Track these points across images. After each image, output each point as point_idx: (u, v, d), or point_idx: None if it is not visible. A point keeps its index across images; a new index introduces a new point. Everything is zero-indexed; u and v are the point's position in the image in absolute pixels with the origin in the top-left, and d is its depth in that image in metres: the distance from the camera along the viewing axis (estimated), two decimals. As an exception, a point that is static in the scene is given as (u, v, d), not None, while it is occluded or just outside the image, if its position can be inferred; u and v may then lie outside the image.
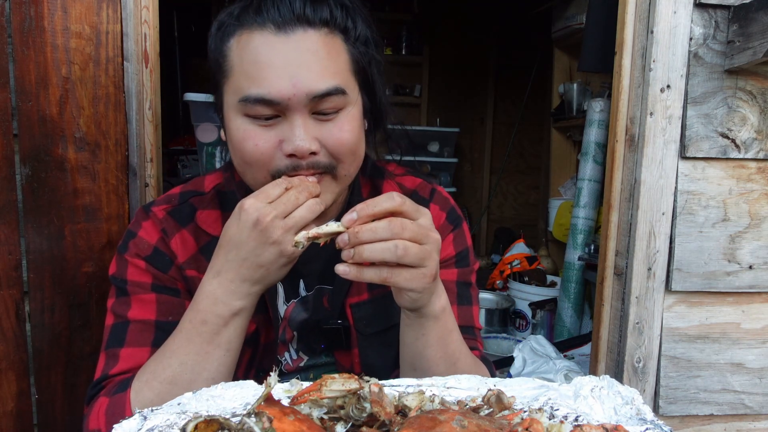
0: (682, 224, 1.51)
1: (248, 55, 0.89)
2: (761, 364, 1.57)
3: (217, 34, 0.95)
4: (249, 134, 0.91)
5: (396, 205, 0.79)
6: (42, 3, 1.23)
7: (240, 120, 0.91)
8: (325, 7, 0.90)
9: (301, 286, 1.10)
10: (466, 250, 1.14)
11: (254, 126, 0.91)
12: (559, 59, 3.99)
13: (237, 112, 0.91)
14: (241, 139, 0.91)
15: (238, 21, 0.91)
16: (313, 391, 0.65)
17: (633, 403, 0.70)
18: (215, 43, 0.95)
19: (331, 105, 0.91)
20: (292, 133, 0.89)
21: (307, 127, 0.90)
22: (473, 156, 5.27)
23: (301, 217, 0.83)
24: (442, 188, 1.19)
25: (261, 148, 0.90)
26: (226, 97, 0.94)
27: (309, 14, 0.89)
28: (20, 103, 1.23)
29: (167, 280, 1.01)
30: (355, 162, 0.98)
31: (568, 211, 3.40)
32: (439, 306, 0.89)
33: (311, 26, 0.89)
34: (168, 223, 1.03)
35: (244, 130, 0.91)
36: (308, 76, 0.88)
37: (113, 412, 0.88)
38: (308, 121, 0.90)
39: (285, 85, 0.87)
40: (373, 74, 1.00)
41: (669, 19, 1.44)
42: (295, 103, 0.88)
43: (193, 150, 3.31)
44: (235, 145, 0.93)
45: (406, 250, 0.77)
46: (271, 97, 0.87)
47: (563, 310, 2.97)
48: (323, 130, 0.91)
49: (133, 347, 0.97)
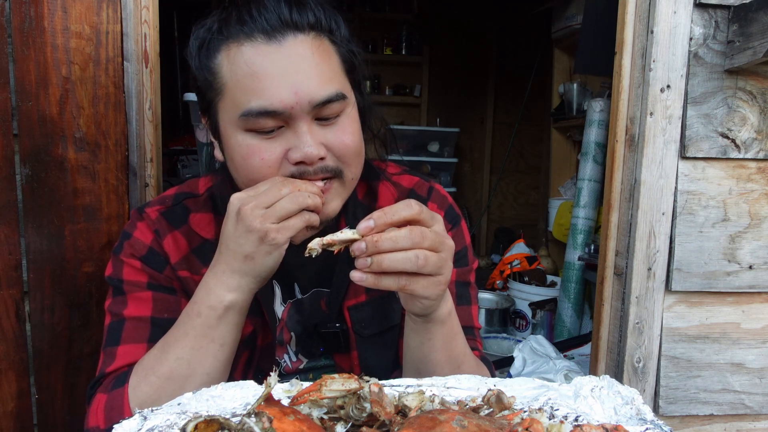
0: (682, 224, 1.51)
1: (242, 67, 0.87)
2: (761, 364, 1.57)
3: (201, 52, 0.92)
4: (253, 149, 0.89)
5: (414, 214, 0.78)
6: (42, 3, 1.22)
7: (241, 136, 0.90)
8: (309, 10, 0.90)
9: (296, 289, 1.10)
10: (464, 248, 1.13)
11: (258, 140, 0.89)
12: (559, 59, 3.99)
13: (237, 128, 0.90)
14: (245, 155, 0.90)
15: (222, 35, 0.89)
16: (313, 392, 0.65)
17: (633, 403, 0.70)
18: (200, 61, 0.93)
19: (333, 110, 0.91)
20: (299, 140, 0.88)
21: (313, 134, 0.89)
22: (473, 156, 5.27)
23: (282, 207, 0.83)
24: (440, 186, 1.18)
25: (267, 162, 0.89)
26: (222, 114, 0.92)
27: (296, 19, 0.88)
28: (20, 103, 1.23)
29: (163, 279, 1.01)
30: (359, 163, 0.98)
31: (568, 211, 3.40)
32: (446, 310, 0.89)
33: (300, 31, 0.88)
34: (161, 224, 1.03)
35: (248, 145, 0.89)
36: (308, 83, 0.87)
37: (111, 407, 0.89)
38: (313, 127, 0.90)
39: (287, 94, 0.86)
40: (361, 71, 1.00)
41: (669, 19, 1.44)
42: (298, 112, 0.87)
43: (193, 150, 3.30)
44: (238, 163, 0.92)
45: (426, 259, 0.76)
46: (274, 108, 0.86)
47: (563, 310, 2.97)
48: (328, 135, 0.91)
49: (130, 344, 0.97)
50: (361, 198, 1.11)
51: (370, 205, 1.11)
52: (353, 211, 1.08)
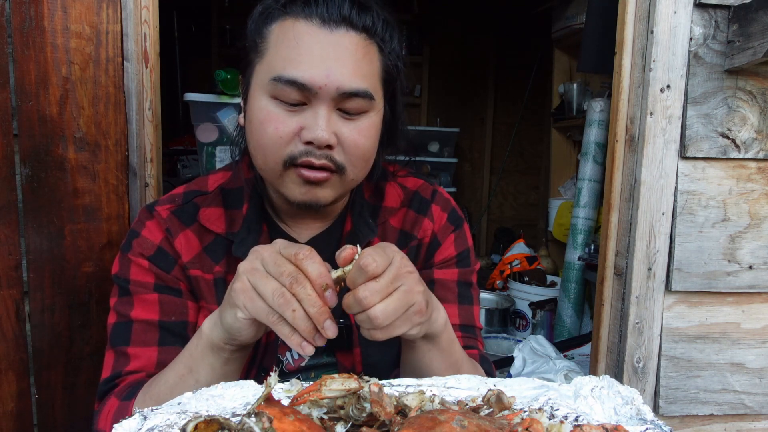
0: (682, 224, 1.51)
1: (289, 39, 0.90)
2: (761, 364, 1.57)
3: (260, 17, 0.96)
4: (272, 116, 0.91)
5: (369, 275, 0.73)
6: (42, 3, 1.22)
7: (266, 101, 0.92)
8: (369, 15, 0.93)
9: None
10: (467, 250, 1.14)
11: (279, 109, 0.91)
12: (559, 59, 3.99)
13: (264, 92, 0.92)
14: (263, 120, 0.92)
15: (285, 9, 0.92)
16: (313, 392, 0.65)
17: (633, 403, 0.70)
18: (256, 24, 0.96)
19: (356, 106, 0.92)
20: (315, 122, 0.90)
21: (330, 120, 0.91)
22: (473, 156, 5.27)
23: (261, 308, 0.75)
24: (443, 189, 1.19)
25: (280, 132, 0.91)
26: (256, 77, 0.95)
27: (354, 18, 0.91)
28: (20, 103, 1.23)
29: (170, 280, 1.01)
30: (364, 168, 0.99)
31: (568, 211, 3.40)
32: (441, 322, 0.88)
33: (353, 29, 0.91)
34: (172, 222, 1.04)
35: (268, 111, 0.92)
36: (342, 71, 0.89)
37: (118, 418, 0.89)
38: (332, 114, 0.92)
39: (319, 73, 0.88)
40: (399, 89, 1.02)
41: (669, 19, 1.44)
42: (323, 94, 0.89)
43: (193, 150, 3.30)
44: (255, 126, 0.94)
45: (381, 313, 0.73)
46: (303, 81, 0.88)
47: (563, 310, 2.97)
48: (343, 128, 0.93)
49: (140, 347, 0.97)
50: (367, 197, 1.12)
51: (377, 204, 1.13)
52: (359, 209, 1.09)
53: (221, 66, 3.23)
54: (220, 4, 4.54)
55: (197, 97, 2.56)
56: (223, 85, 2.50)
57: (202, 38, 4.61)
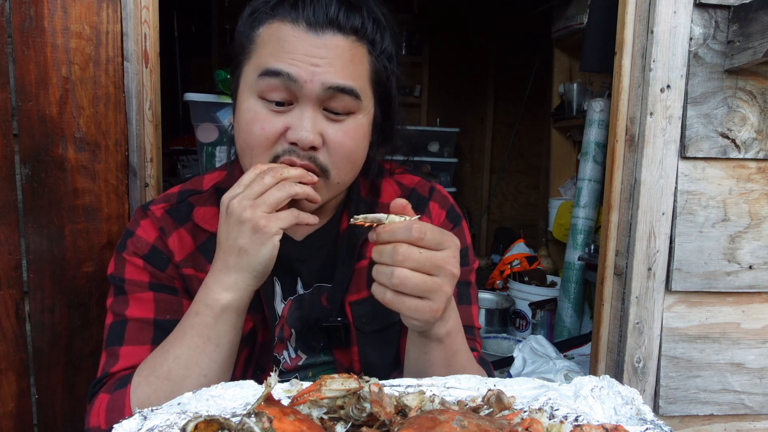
0: (682, 224, 1.51)
1: (275, 40, 0.91)
2: (761, 364, 1.57)
3: (248, 20, 0.96)
4: (258, 116, 0.92)
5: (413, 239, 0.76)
6: (42, 3, 1.22)
7: (253, 101, 0.93)
8: (357, 16, 0.92)
9: (298, 284, 1.10)
10: (465, 249, 1.13)
11: (265, 110, 0.92)
12: (559, 59, 3.98)
13: (252, 92, 0.93)
14: (249, 121, 0.92)
15: (272, 12, 0.93)
16: (313, 392, 0.65)
17: (633, 403, 0.70)
18: (244, 27, 0.97)
19: (342, 104, 0.92)
20: (299, 122, 0.90)
21: (315, 120, 0.91)
22: (473, 156, 5.27)
23: (272, 195, 0.85)
24: (441, 186, 1.19)
25: (266, 132, 0.91)
26: (244, 77, 0.95)
27: (341, 20, 0.90)
28: (20, 103, 1.23)
29: (165, 279, 1.01)
30: (350, 171, 0.98)
31: (568, 211, 3.40)
32: (444, 330, 0.88)
33: (341, 32, 0.91)
34: (166, 221, 1.04)
35: (255, 112, 0.92)
36: (328, 68, 0.90)
37: (113, 408, 0.89)
38: (318, 114, 0.92)
39: (305, 68, 0.89)
40: (392, 90, 1.01)
41: (669, 19, 1.44)
42: (308, 91, 0.89)
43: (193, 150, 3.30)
44: (242, 126, 0.94)
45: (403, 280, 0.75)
46: (288, 72, 0.88)
47: (563, 310, 2.97)
48: (329, 129, 0.92)
49: (133, 345, 0.97)
50: (363, 194, 1.12)
51: (373, 201, 1.12)
52: (356, 207, 1.09)
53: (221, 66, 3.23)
54: (220, 4, 4.54)
55: (197, 97, 2.56)
56: (223, 85, 2.50)
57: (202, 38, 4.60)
